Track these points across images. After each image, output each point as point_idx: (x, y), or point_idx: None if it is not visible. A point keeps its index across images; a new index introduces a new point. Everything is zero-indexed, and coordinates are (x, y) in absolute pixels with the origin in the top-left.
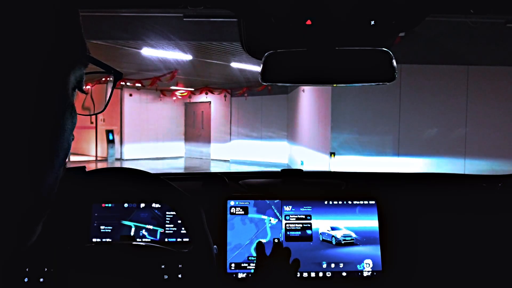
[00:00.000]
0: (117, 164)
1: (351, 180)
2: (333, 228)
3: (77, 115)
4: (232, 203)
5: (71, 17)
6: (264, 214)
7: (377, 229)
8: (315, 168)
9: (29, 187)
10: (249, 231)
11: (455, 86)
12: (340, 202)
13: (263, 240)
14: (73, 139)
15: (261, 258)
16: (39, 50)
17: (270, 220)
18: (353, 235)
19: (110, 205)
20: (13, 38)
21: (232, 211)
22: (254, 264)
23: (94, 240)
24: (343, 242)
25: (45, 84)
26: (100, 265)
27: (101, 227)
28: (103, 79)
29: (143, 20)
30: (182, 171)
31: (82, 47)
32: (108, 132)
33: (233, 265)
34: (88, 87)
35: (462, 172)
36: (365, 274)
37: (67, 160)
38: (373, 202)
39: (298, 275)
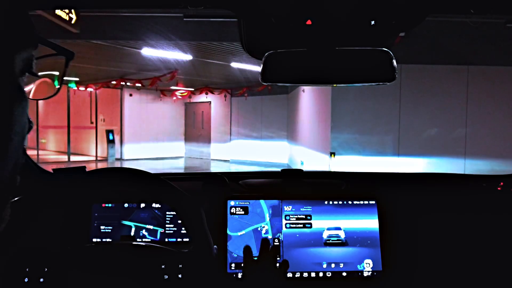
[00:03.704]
0: (117, 164)
1: (351, 180)
2: (328, 229)
3: (41, 100)
4: (232, 203)
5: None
6: (263, 217)
7: (377, 229)
8: (315, 168)
9: None
10: (249, 230)
11: (455, 86)
12: (340, 202)
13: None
14: (32, 126)
15: (248, 262)
16: None
17: (269, 220)
18: (342, 235)
19: (110, 205)
20: None
21: (232, 211)
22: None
23: (94, 240)
24: (328, 242)
25: None
26: (100, 265)
27: (101, 227)
28: (113, 82)
29: (143, 20)
30: (182, 171)
31: (28, 28)
32: (108, 132)
33: (233, 265)
34: (90, 89)
35: (462, 172)
36: (365, 274)
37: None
38: (373, 202)
39: (298, 275)
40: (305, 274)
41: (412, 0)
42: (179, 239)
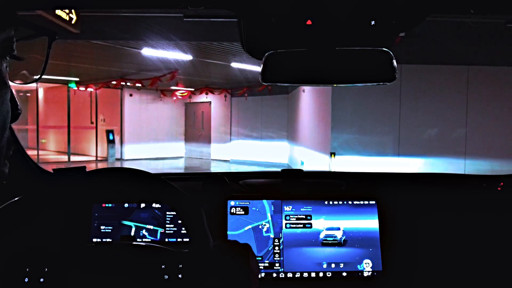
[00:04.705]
0: (117, 164)
1: (351, 180)
2: (327, 229)
3: (24, 84)
4: (232, 203)
5: None
6: (264, 214)
7: (377, 229)
8: (315, 168)
9: None
10: (249, 230)
11: (455, 86)
12: (340, 202)
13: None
14: (20, 112)
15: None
16: None
17: (270, 220)
18: (338, 235)
19: (110, 205)
20: None
21: (232, 211)
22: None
23: (94, 240)
24: (324, 242)
25: None
26: (100, 265)
27: (102, 227)
28: (113, 82)
29: (143, 20)
30: (182, 171)
31: (3, 8)
32: (108, 132)
33: None
34: (90, 89)
35: (462, 172)
36: (365, 274)
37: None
38: (373, 202)
39: (298, 275)
40: (305, 274)
41: (412, 0)
42: (179, 239)
